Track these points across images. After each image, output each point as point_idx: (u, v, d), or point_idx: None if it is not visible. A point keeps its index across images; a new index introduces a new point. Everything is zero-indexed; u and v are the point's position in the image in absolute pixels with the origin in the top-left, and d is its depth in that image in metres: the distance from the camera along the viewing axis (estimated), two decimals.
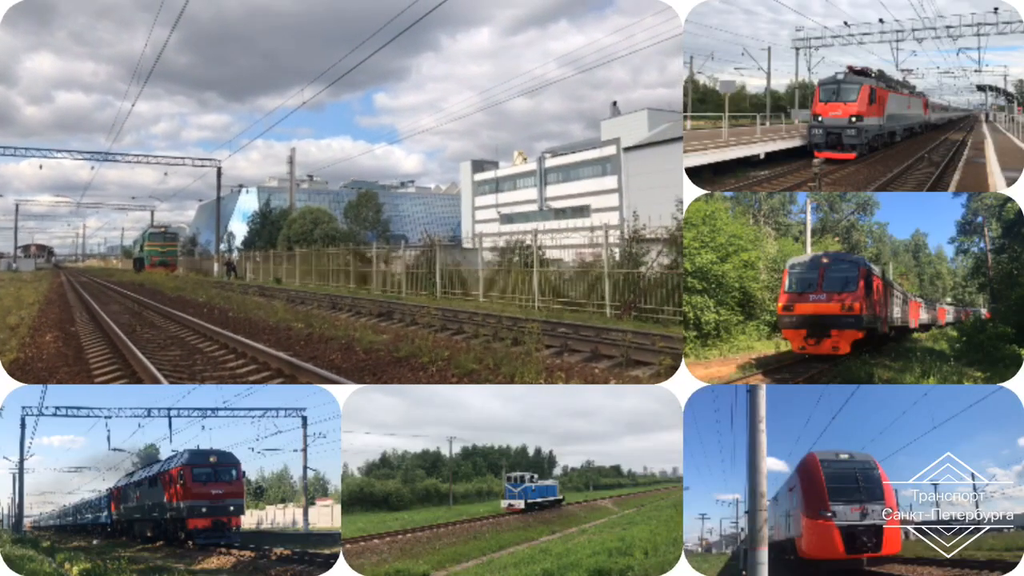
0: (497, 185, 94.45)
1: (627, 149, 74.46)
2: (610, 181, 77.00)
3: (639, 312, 19.81)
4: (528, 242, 25.81)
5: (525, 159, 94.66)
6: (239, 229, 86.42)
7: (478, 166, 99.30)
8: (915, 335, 22.12)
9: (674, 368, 11.83)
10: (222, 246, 77.15)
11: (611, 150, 77.36)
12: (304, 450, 21.32)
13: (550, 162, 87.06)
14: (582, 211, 77.50)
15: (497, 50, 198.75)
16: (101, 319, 20.44)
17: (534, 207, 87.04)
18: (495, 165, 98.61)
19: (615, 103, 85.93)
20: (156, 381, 12.25)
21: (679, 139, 66.72)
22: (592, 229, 25.66)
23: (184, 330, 18.34)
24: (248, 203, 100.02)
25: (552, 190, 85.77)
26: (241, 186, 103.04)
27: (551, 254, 25.53)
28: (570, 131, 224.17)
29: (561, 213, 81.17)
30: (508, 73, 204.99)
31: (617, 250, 22.44)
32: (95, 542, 18.45)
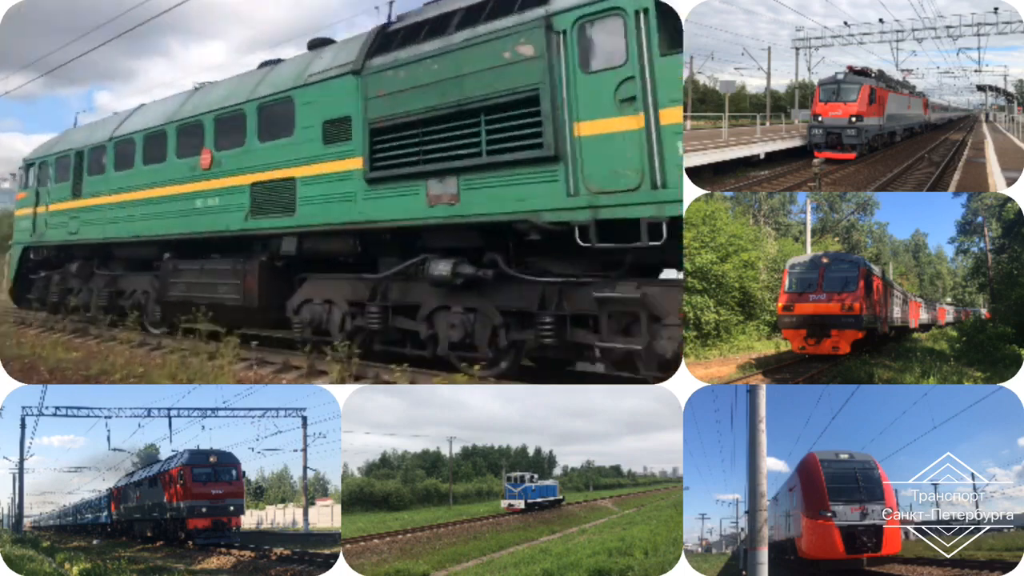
0: None
1: None
2: None
3: None
4: None
5: None
6: None
7: None
8: (915, 335, 22.11)
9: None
10: None
11: None
12: (304, 450, 21.34)
13: None
14: None
15: (230, 65, 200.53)
16: None
17: None
18: None
19: None
20: None
21: None
22: None
23: None
24: None
25: None
26: None
27: None
28: None
29: None
30: None
31: None
32: (95, 542, 18.44)
